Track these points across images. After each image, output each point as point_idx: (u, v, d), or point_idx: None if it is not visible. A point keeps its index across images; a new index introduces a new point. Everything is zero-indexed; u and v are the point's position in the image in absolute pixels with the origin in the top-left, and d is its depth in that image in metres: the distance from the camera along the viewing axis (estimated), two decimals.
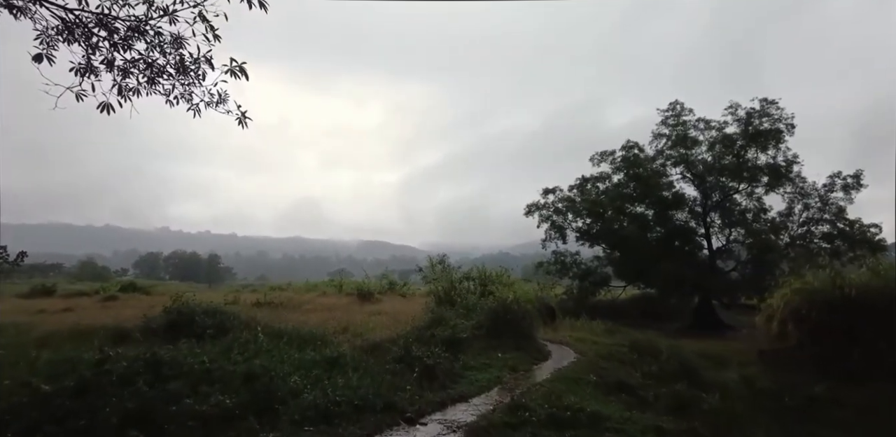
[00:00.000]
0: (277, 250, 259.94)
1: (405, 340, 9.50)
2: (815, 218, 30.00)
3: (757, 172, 28.70)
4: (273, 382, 6.07)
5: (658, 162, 31.50)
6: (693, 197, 31.25)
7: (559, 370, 9.75)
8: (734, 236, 31.09)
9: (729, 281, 30.07)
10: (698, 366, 10.07)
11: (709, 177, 30.51)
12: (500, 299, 12.85)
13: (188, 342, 8.37)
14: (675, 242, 29.76)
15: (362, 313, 15.87)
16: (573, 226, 31.40)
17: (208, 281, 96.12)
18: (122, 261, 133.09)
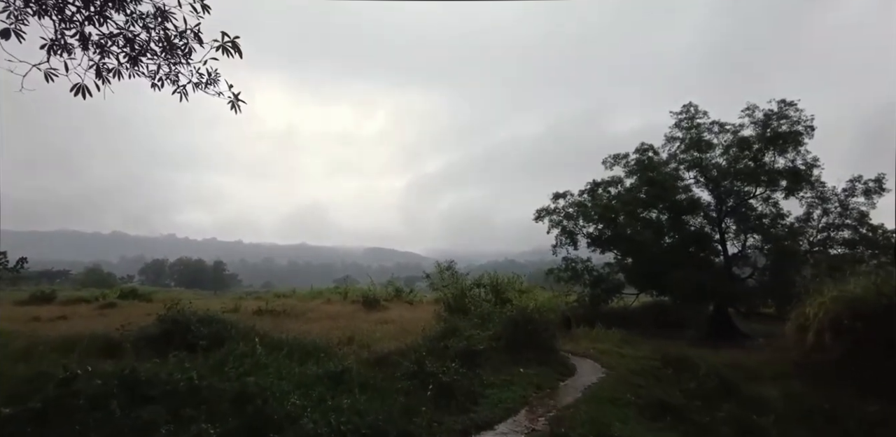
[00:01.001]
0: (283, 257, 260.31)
1: (417, 353, 8.69)
2: (836, 224, 28.99)
3: (776, 176, 27.72)
4: (268, 404, 5.28)
5: (671, 166, 30.70)
6: (707, 202, 30.39)
7: (589, 387, 8.89)
8: (750, 242, 30.15)
9: (746, 289, 29.02)
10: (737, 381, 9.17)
11: (724, 181, 29.63)
12: (520, 307, 11.90)
13: (178, 355, 7.64)
14: (691, 248, 28.80)
15: (368, 322, 15.09)
16: (584, 232, 30.56)
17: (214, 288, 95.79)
18: (128, 268, 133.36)
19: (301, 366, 7.84)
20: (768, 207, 29.97)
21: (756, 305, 29.07)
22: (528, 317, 11.45)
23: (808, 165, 28.14)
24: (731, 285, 27.99)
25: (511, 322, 11.39)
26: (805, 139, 27.95)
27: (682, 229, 29.08)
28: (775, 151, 28.28)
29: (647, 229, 28.37)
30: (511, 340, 10.88)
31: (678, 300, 28.74)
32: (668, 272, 26.43)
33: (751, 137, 28.79)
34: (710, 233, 29.77)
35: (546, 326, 11.39)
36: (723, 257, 29.81)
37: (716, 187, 29.99)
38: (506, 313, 12.07)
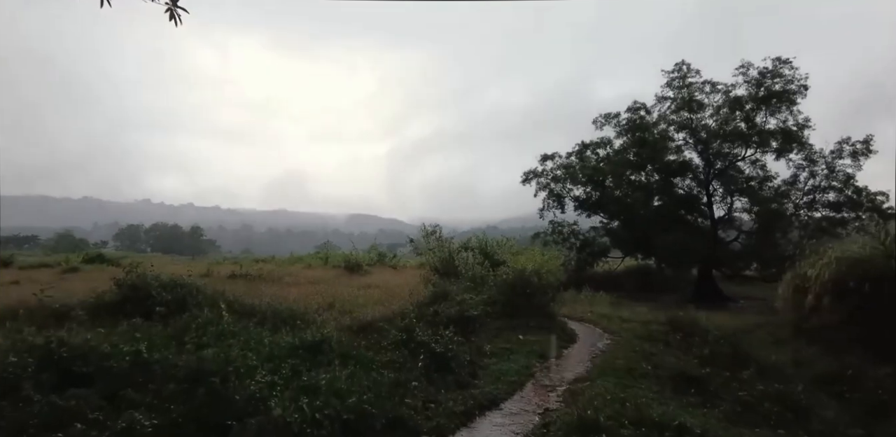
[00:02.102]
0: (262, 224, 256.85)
1: (405, 319, 7.84)
2: (822, 186, 28.78)
3: (767, 137, 27.10)
4: (229, 383, 4.36)
5: (661, 127, 29.88)
6: (696, 164, 29.87)
7: (597, 356, 8.22)
8: (737, 205, 29.94)
9: (731, 252, 29.03)
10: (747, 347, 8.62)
11: (713, 143, 29.01)
12: (517, 270, 11.01)
13: (132, 324, 6.66)
14: (680, 211, 28.44)
15: (351, 287, 14.22)
16: (572, 194, 29.91)
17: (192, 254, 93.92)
18: (102, 234, 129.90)
19: (274, 335, 6.95)
20: (756, 169, 29.68)
21: (741, 268, 29.20)
22: (525, 280, 10.64)
23: (799, 126, 27.59)
24: (718, 248, 27.93)
25: (507, 286, 10.62)
26: (798, 99, 27.31)
27: (671, 192, 28.61)
28: (767, 111, 27.60)
29: (637, 192, 27.77)
30: (507, 305, 10.17)
31: (665, 264, 28.65)
32: (658, 236, 26.13)
33: (743, 97, 27.99)
34: (698, 196, 29.43)
35: (545, 289, 10.64)
36: (709, 220, 29.63)
37: (705, 149, 29.40)
38: (500, 277, 11.28)
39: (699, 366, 7.11)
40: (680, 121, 29.58)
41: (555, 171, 29.98)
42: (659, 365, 7.15)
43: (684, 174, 28.99)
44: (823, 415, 5.73)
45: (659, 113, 29.91)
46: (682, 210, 28.80)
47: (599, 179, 28.80)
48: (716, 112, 29.22)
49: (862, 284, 10.60)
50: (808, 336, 11.12)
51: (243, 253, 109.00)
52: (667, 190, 28.52)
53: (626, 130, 29.03)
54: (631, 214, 27.52)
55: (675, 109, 29.56)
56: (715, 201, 30.00)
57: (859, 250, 11.59)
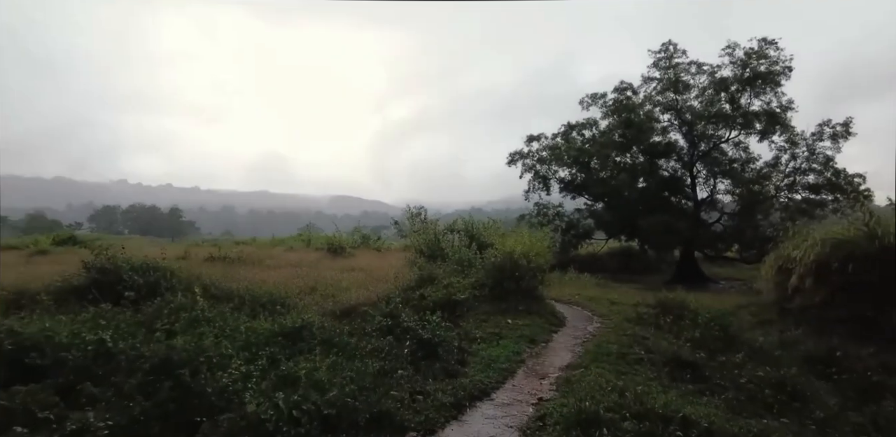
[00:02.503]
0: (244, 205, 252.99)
1: (390, 303, 7.55)
2: (803, 168, 29.04)
3: (752, 119, 27.13)
4: (199, 375, 4.02)
5: (647, 108, 29.71)
6: (680, 146, 29.88)
7: (588, 340, 8.03)
8: (720, 186, 30.14)
9: (713, 233, 29.34)
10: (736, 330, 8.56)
11: (698, 124, 28.98)
12: (506, 252, 10.63)
13: (99, 310, 6.25)
14: (664, 192, 28.52)
15: (334, 270, 13.85)
16: (557, 176, 29.76)
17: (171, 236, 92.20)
18: (76, 215, 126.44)
19: (251, 321, 6.60)
20: (738, 151, 29.84)
21: (722, 249, 29.57)
22: (514, 263, 10.30)
23: (783, 108, 27.66)
24: (701, 230, 28.20)
25: (496, 269, 10.35)
26: (782, 80, 27.31)
27: (656, 174, 28.63)
28: (752, 92, 27.57)
29: (622, 173, 27.72)
30: (496, 288, 9.89)
31: (649, 245, 28.84)
32: (642, 217, 26.22)
33: (728, 79, 27.90)
34: (682, 177, 29.54)
35: (534, 272, 10.39)
36: (692, 202, 29.82)
37: (690, 131, 29.39)
38: (489, 259, 10.97)
39: (692, 350, 6.99)
40: (665, 102, 29.48)
41: (540, 152, 29.77)
42: (652, 350, 6.96)
43: (669, 156, 29.01)
44: (824, 401, 5.64)
45: (645, 94, 29.74)
46: (666, 192, 28.90)
47: (585, 161, 28.65)
48: (701, 93, 29.16)
49: (846, 265, 10.62)
50: (791, 317, 11.18)
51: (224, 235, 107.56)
52: (652, 172, 28.52)
53: (612, 110, 28.78)
54: (616, 196, 27.50)
55: (661, 90, 29.43)
56: (698, 183, 30.21)
57: (843, 231, 11.59)
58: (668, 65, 29.07)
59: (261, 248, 27.18)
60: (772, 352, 7.51)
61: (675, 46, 29.08)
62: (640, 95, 29.69)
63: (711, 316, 8.49)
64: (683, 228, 25.89)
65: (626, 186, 25.93)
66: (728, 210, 29.93)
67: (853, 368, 7.24)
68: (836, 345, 8.20)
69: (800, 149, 28.58)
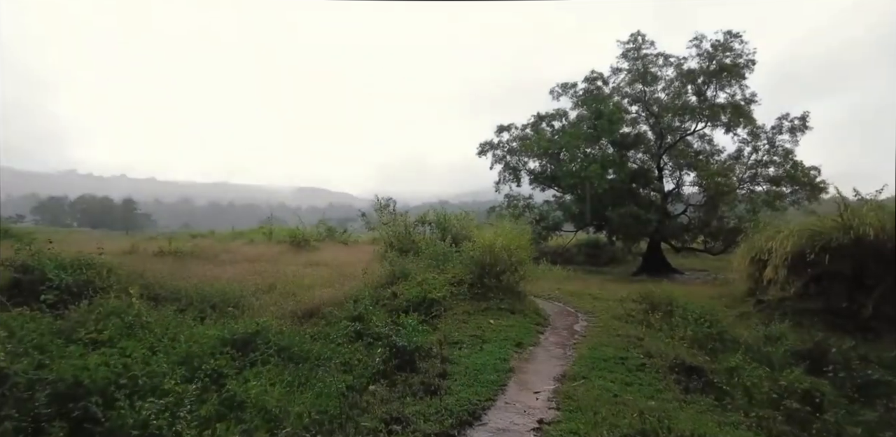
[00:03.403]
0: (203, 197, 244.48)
1: (358, 303, 6.80)
2: (764, 161, 29.65)
3: (718, 111, 27.42)
4: (115, 404, 3.19)
5: (615, 99, 29.66)
6: (649, 138, 30.04)
7: (579, 342, 7.43)
8: (684, 179, 30.48)
9: (679, 224, 29.71)
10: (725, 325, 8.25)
11: (665, 116, 29.14)
12: (486, 245, 9.75)
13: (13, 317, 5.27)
14: (633, 184, 28.61)
15: (296, 265, 12.98)
16: (528, 167, 29.44)
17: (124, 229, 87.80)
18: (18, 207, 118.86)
19: (198, 326, 5.75)
20: (704, 143, 30.23)
21: (688, 240, 30.00)
22: (495, 257, 9.54)
23: (746, 101, 28.07)
24: (668, 221, 28.47)
25: (475, 264, 9.60)
26: (746, 73, 27.68)
27: (625, 165, 28.66)
28: (717, 84, 27.85)
29: (592, 164, 27.61)
30: (475, 285, 9.18)
31: (617, 237, 28.95)
32: (611, 209, 26.22)
33: (695, 71, 28.08)
34: (650, 169, 29.71)
35: (515, 267, 9.76)
36: (659, 194, 30.07)
37: (657, 123, 29.55)
38: (466, 253, 10.16)
39: (689, 350, 6.57)
40: (633, 93, 29.52)
41: (511, 143, 29.33)
42: (652, 353, 6.45)
43: (638, 147, 29.11)
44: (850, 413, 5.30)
45: (614, 85, 29.68)
46: (634, 184, 29.00)
47: (554, 152, 28.42)
48: (668, 85, 29.29)
49: (821, 256, 10.55)
50: (768, 309, 11.08)
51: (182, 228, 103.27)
52: (622, 163, 28.54)
53: (582, 100, 28.58)
54: (586, 188, 27.37)
55: (630, 81, 29.42)
56: (665, 175, 30.50)
57: (818, 222, 11.56)
58: (636, 56, 29.06)
59: (219, 241, 25.88)
60: (760, 348, 7.19)
61: (643, 37, 29.10)
62: (610, 87, 29.64)
63: (701, 312, 8.13)
64: (653, 219, 26.02)
65: (597, 177, 25.76)
66: (693, 202, 30.35)
67: (848, 364, 6.98)
68: (820, 339, 7.96)
69: (761, 142, 29.18)
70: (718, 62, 27.21)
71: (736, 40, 27.52)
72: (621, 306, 10.16)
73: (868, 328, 9.66)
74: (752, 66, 27.72)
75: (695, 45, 27.89)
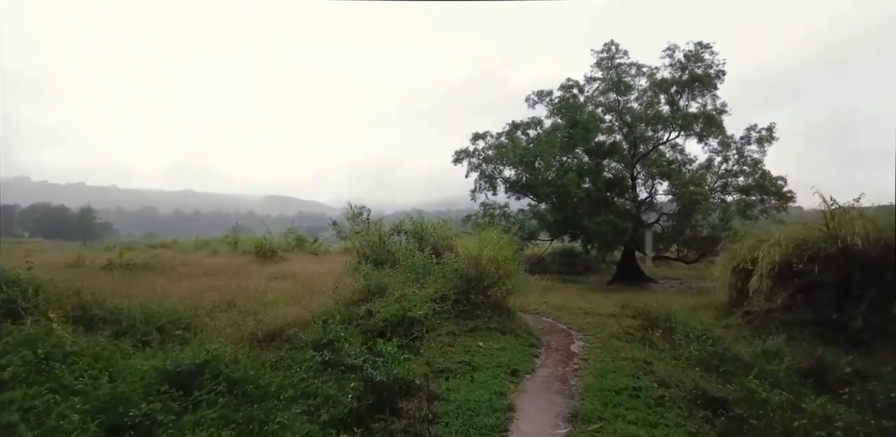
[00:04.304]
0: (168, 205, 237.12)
1: (329, 325, 5.97)
2: (734, 170, 30.10)
3: (692, 121, 27.70)
4: None
5: (589, 109, 29.71)
6: (623, 147, 30.16)
7: (582, 368, 6.63)
8: (656, 188, 30.68)
9: (654, 233, 29.80)
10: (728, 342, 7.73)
11: (638, 126, 29.32)
12: (471, 257, 8.76)
13: None
14: (608, 193, 28.54)
15: (261, 277, 12.01)
16: (503, 176, 29.11)
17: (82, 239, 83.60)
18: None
19: (135, 355, 4.85)
20: (675, 153, 30.54)
21: (662, 249, 30.09)
22: (482, 269, 8.61)
23: (717, 111, 28.47)
24: (643, 230, 28.49)
25: (459, 277, 8.61)
26: (718, 84, 28.11)
27: (601, 174, 28.61)
28: (689, 94, 28.18)
29: (568, 173, 27.43)
30: (460, 301, 8.26)
31: (593, 246, 28.78)
32: (587, 217, 26.04)
33: (668, 80, 28.36)
34: (625, 178, 29.76)
35: (503, 281, 8.94)
36: (633, 203, 30.14)
37: (630, 132, 29.71)
38: (449, 265, 9.16)
39: (701, 374, 5.95)
40: (607, 103, 29.63)
41: (486, 151, 28.97)
42: (667, 381, 5.81)
43: (613, 156, 29.14)
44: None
45: (587, 94, 29.73)
46: (609, 192, 28.96)
47: (530, 161, 28.17)
48: (641, 95, 29.51)
49: (809, 266, 10.29)
50: (755, 320, 10.73)
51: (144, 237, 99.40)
52: (598, 172, 28.49)
53: (558, 108, 28.50)
54: (562, 197, 27.13)
55: (604, 91, 29.52)
56: (638, 184, 30.63)
57: (803, 231, 11.34)
58: (610, 65, 29.20)
59: (181, 251, 24.54)
60: (762, 366, 6.70)
61: (616, 47, 29.23)
62: (584, 95, 29.68)
63: (703, 329, 7.62)
64: (629, 228, 25.95)
65: (573, 185, 25.55)
66: (666, 211, 30.53)
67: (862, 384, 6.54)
68: (820, 355, 7.55)
69: (731, 152, 29.65)
70: (690, 72, 27.54)
71: (706, 51, 27.92)
72: (617, 322, 9.55)
73: (860, 341, 9.38)
74: (721, 76, 28.18)
75: (668, 54, 28.19)
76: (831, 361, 7.67)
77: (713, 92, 27.79)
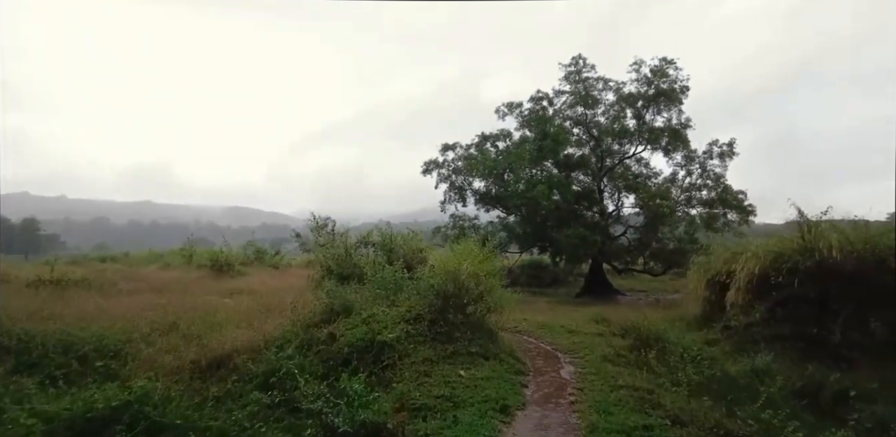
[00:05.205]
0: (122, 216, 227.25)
1: (282, 352, 5.15)
2: (698, 184, 30.66)
3: (658, 135, 28.12)
4: None
5: (556, 122, 29.86)
6: (592, 160, 30.38)
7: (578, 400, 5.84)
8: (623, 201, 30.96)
9: (620, 246, 29.92)
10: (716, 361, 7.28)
11: (605, 140, 29.61)
12: (449, 271, 7.81)
13: None
14: (577, 205, 28.53)
15: (214, 293, 11.00)
16: (473, 187, 28.77)
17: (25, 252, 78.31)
18: None
19: (39, 396, 3.95)
20: (641, 167, 30.98)
21: (630, 261, 30.22)
22: (461, 286, 7.68)
23: (682, 125, 29.02)
24: (611, 243, 28.53)
25: (436, 294, 7.63)
26: (682, 99, 28.72)
27: (570, 186, 28.62)
28: (655, 109, 28.67)
29: (538, 185, 27.29)
30: (437, 322, 7.30)
31: (562, 258, 28.63)
32: (556, 230, 25.88)
33: (634, 95, 28.80)
34: (594, 191, 29.88)
35: (483, 297, 7.98)
36: (601, 216, 30.25)
37: (597, 146, 29.97)
38: (424, 281, 8.17)
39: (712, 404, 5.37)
40: (575, 116, 29.84)
41: (456, 162, 28.59)
42: (678, 416, 5.14)
43: (582, 169, 29.26)
44: None
45: (555, 108, 29.88)
46: (577, 205, 28.99)
47: (499, 173, 27.97)
48: (608, 109, 29.87)
49: (788, 279, 10.10)
50: (735, 335, 10.45)
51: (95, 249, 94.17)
52: (567, 184, 28.49)
53: (527, 120, 28.49)
54: (532, 209, 26.93)
55: (571, 104, 29.73)
56: (605, 197, 30.83)
57: (779, 244, 11.22)
58: (577, 79, 29.46)
59: (132, 265, 22.98)
60: (756, 387, 6.28)
61: (584, 60, 29.57)
62: (552, 109, 29.81)
63: (698, 349, 7.17)
64: (598, 240, 25.90)
65: (543, 197, 25.38)
66: (632, 223, 30.76)
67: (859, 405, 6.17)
68: (810, 373, 7.22)
69: (694, 166, 30.25)
70: (656, 87, 28.04)
71: (671, 67, 28.53)
72: (606, 342, 8.97)
73: (840, 356, 9.19)
74: (686, 91, 28.81)
75: (634, 69, 28.65)
76: (820, 379, 7.36)
77: (678, 107, 28.38)
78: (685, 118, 28.82)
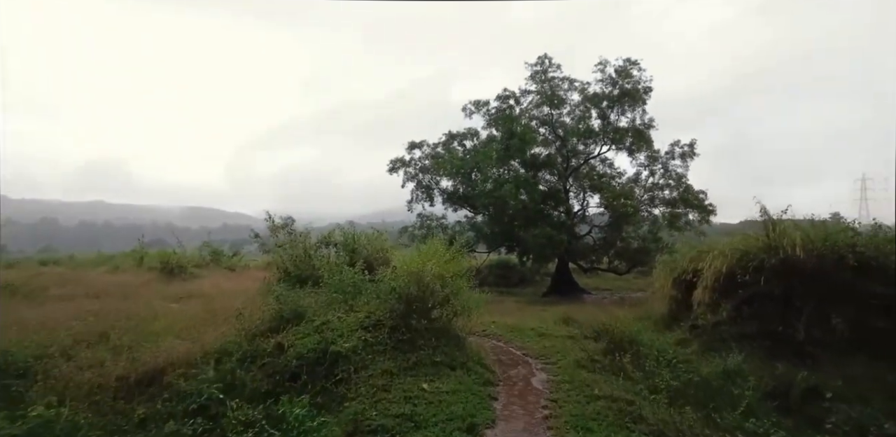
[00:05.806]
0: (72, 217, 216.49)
1: (222, 366, 4.58)
2: (660, 184, 31.19)
3: (623, 135, 28.43)
4: None
5: (523, 122, 29.85)
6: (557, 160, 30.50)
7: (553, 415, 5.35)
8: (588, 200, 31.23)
9: (586, 245, 30.14)
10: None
11: (570, 140, 29.77)
12: (413, 273, 7.18)
13: None
14: (543, 205, 28.57)
15: (161, 298, 10.18)
16: (440, 186, 28.43)
17: None
18: None
19: None
20: (605, 167, 31.32)
21: (595, 260, 30.49)
22: (426, 288, 7.06)
23: (646, 126, 29.45)
24: (576, 242, 28.70)
25: (397, 298, 7.09)
26: (646, 99, 29.13)
27: (537, 186, 28.63)
28: (620, 109, 28.98)
29: (506, 184, 27.16)
30: (399, 328, 6.78)
31: (529, 258, 28.62)
32: (523, 229, 25.83)
33: (599, 95, 29.05)
34: (560, 190, 30.01)
35: (448, 300, 7.36)
36: (566, 215, 30.43)
37: (562, 146, 30.11)
38: (386, 283, 7.55)
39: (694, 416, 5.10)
40: (541, 116, 29.89)
41: (423, 160, 28.17)
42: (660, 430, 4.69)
43: (548, 168, 29.32)
44: None
45: (522, 107, 29.86)
46: (544, 205, 29.05)
47: (466, 172, 27.72)
48: (573, 109, 30.04)
49: (755, 277, 10.13)
50: (703, 334, 10.41)
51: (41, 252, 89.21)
52: (534, 184, 28.50)
53: (494, 119, 28.35)
54: (499, 208, 26.79)
55: (538, 104, 29.76)
56: (570, 197, 31.04)
57: (743, 242, 11.28)
58: (543, 79, 29.51)
59: (77, 268, 21.54)
60: (730, 390, 6.10)
61: (550, 60, 29.64)
62: (519, 108, 29.77)
63: (673, 352, 6.95)
64: (564, 240, 25.96)
65: (511, 197, 25.24)
66: (597, 223, 31.05)
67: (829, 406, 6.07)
68: (781, 373, 7.12)
69: (657, 166, 30.77)
70: (620, 87, 28.33)
71: (635, 67, 28.88)
72: (578, 345, 8.66)
73: (804, 354, 9.23)
74: (649, 92, 29.23)
75: (599, 69, 28.89)
76: (789, 378, 7.29)
77: (642, 107, 28.77)
78: (648, 119, 29.25)
